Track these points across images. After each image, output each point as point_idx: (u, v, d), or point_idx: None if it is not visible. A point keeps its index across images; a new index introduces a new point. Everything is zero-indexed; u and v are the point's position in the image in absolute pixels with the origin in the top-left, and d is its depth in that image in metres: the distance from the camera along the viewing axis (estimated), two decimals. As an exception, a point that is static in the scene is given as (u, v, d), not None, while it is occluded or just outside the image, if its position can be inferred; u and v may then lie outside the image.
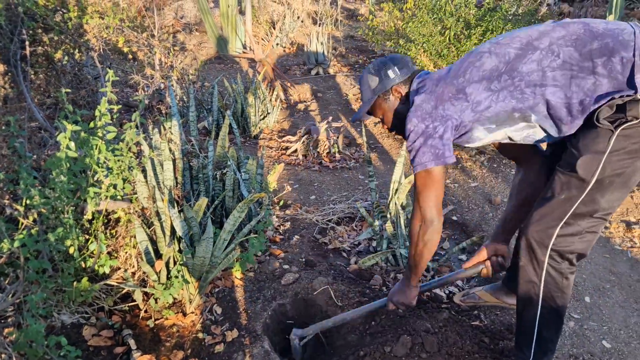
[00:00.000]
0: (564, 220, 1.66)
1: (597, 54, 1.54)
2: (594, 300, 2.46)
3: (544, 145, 1.93)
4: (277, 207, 3.32)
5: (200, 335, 2.24)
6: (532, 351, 1.83)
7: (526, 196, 1.99)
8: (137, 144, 2.46)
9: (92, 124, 2.22)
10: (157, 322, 2.31)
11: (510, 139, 1.80)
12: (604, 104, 1.54)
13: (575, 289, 2.52)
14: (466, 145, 1.89)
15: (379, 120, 2.04)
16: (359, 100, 5.77)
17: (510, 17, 4.81)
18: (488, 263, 2.09)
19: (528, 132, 1.74)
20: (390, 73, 1.91)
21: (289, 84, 6.00)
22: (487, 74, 1.68)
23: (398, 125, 1.96)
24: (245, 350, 2.12)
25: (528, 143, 1.81)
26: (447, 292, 2.55)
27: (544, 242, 1.70)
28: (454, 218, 3.28)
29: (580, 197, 1.62)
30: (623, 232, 3.05)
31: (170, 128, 2.76)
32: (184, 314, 2.35)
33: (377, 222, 2.80)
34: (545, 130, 1.71)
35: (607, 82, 1.53)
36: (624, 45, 1.52)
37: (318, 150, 4.35)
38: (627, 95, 1.51)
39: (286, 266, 2.67)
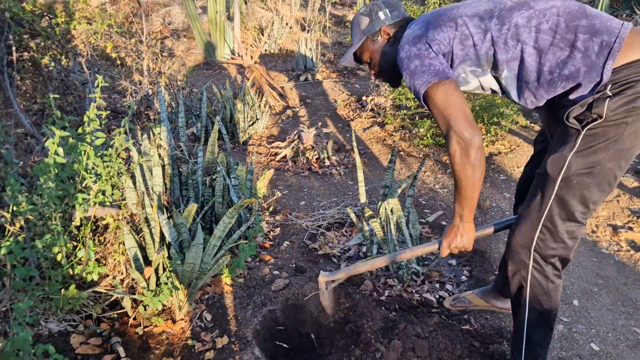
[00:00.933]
0: (542, 223, 1.68)
1: (582, 30, 1.57)
2: (582, 303, 2.48)
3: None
4: (267, 213, 3.31)
5: (190, 342, 2.22)
6: (523, 355, 1.84)
7: None
8: (126, 149, 2.44)
9: (80, 130, 2.20)
10: (146, 329, 2.29)
11: (490, 88, 1.80)
12: (573, 93, 1.57)
13: (564, 292, 2.54)
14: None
15: (367, 64, 2.01)
16: (347, 106, 5.79)
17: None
18: None
19: (495, 83, 1.76)
20: (381, 14, 1.91)
21: (281, 89, 6.01)
22: (481, 13, 1.69)
23: (386, 69, 1.94)
24: (236, 357, 2.11)
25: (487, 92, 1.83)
26: (437, 296, 2.55)
27: (526, 245, 1.72)
28: (443, 223, 3.29)
29: (551, 197, 1.65)
30: (610, 236, 3.09)
31: (159, 134, 2.75)
32: (174, 321, 2.33)
33: (367, 228, 2.80)
34: (504, 89, 1.74)
35: (580, 59, 1.55)
36: (609, 31, 1.55)
37: (307, 156, 4.35)
38: (597, 92, 1.53)
39: (276, 272, 2.66)
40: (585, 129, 1.57)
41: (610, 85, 1.52)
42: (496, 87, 1.79)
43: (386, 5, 1.93)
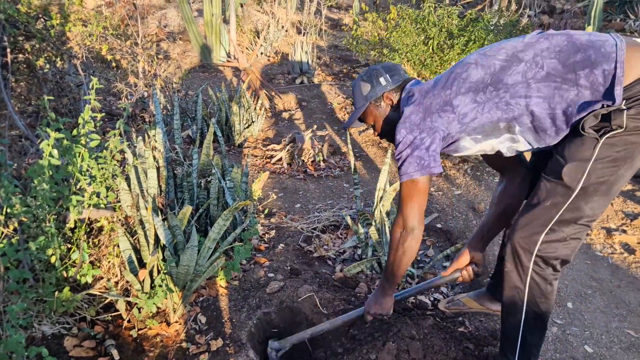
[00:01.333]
0: (549, 226, 1.68)
1: (579, 66, 1.58)
2: (576, 306, 2.49)
3: (527, 155, 1.96)
4: (262, 216, 3.31)
5: (184, 344, 2.21)
6: (517, 356, 1.85)
7: (507, 206, 2.03)
8: (121, 152, 2.44)
9: (75, 132, 2.20)
10: (140, 332, 2.28)
11: (498, 151, 1.83)
12: (588, 113, 1.57)
13: (558, 295, 2.55)
14: (455, 154, 1.92)
15: (370, 126, 2.06)
16: (343, 109, 5.80)
17: (492, 28, 4.90)
18: (467, 270, 2.11)
19: (511, 145, 1.78)
20: (382, 80, 1.94)
21: (273, 93, 6.01)
22: (474, 85, 1.71)
23: (388, 132, 1.98)
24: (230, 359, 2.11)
25: (513, 154, 1.84)
26: (431, 299, 2.56)
27: (529, 248, 1.72)
28: (439, 226, 3.30)
29: (565, 204, 1.65)
30: (604, 238, 3.10)
31: (154, 136, 2.74)
32: (168, 324, 2.33)
33: (362, 230, 2.80)
34: (528, 142, 1.75)
35: (589, 94, 1.57)
36: (605, 58, 1.56)
37: (303, 158, 4.35)
38: (609, 106, 1.54)
39: (271, 274, 2.66)
40: (605, 137, 1.57)
41: (624, 101, 1.53)
42: (501, 149, 1.82)
43: (386, 70, 1.96)
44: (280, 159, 4.40)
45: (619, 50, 1.56)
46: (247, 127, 4.90)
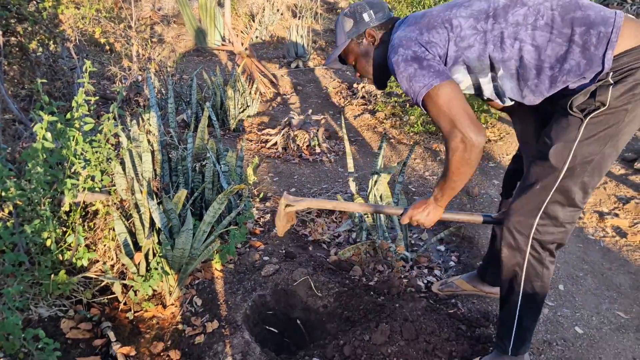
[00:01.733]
0: (542, 210, 1.69)
1: (577, 22, 1.57)
2: (568, 288, 2.52)
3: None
4: (257, 200, 3.32)
5: (180, 326, 2.23)
6: (512, 340, 1.87)
7: None
8: (115, 135, 2.43)
9: (69, 115, 2.19)
10: (136, 314, 2.30)
11: (481, 91, 1.79)
12: (573, 83, 1.57)
13: (550, 277, 2.58)
14: None
15: (352, 65, 1.98)
16: (339, 94, 5.78)
17: None
18: None
19: (490, 87, 1.74)
20: (365, 16, 1.87)
21: (271, 77, 5.99)
22: (476, 13, 1.67)
23: (370, 72, 1.92)
24: (226, 341, 2.13)
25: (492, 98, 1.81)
26: (425, 281, 2.59)
27: (525, 232, 1.73)
28: (433, 209, 3.32)
29: (554, 186, 1.66)
30: (596, 222, 3.13)
31: (148, 120, 2.74)
32: (164, 306, 2.35)
33: (356, 214, 2.82)
34: (503, 91, 1.72)
35: (579, 53, 1.55)
36: (604, 21, 1.55)
37: (298, 143, 4.35)
38: (598, 80, 1.54)
39: (266, 258, 2.68)
40: (588, 117, 1.58)
41: (611, 74, 1.53)
42: (487, 91, 1.77)
43: (370, 6, 1.89)
44: (275, 144, 4.40)
45: (617, 17, 1.55)
46: (242, 112, 4.88)
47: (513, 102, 1.78)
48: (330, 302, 2.40)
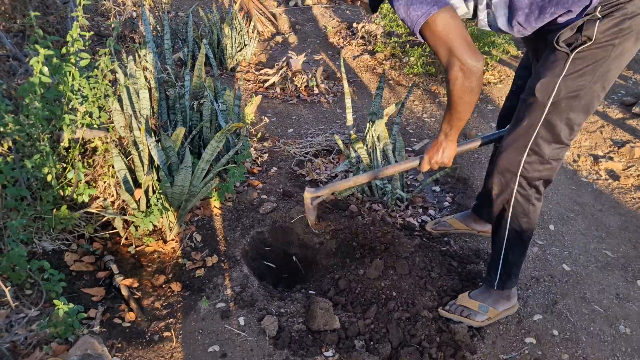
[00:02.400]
0: (529, 147, 1.72)
1: None
2: (558, 228, 2.59)
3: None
4: (255, 140, 3.33)
5: (180, 261, 2.30)
6: (498, 274, 1.95)
7: None
8: (112, 72, 2.41)
9: (64, 50, 2.16)
10: (138, 249, 2.37)
11: (476, 17, 1.76)
12: (561, 17, 1.56)
13: (541, 217, 2.64)
14: None
15: None
16: (338, 34, 5.67)
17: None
18: None
19: (484, 15, 1.71)
20: None
21: (270, 15, 5.84)
22: None
23: None
24: (225, 274, 2.20)
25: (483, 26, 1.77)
26: (419, 220, 2.64)
27: (512, 169, 1.77)
28: (429, 151, 3.34)
29: (540, 121, 1.68)
30: (590, 165, 3.17)
31: (144, 56, 2.70)
32: (165, 241, 2.41)
33: (353, 154, 2.84)
34: (494, 18, 1.69)
35: None
36: None
37: (296, 83, 4.31)
38: (586, 14, 1.53)
39: (264, 196, 2.72)
40: (574, 52, 1.58)
41: (599, 8, 1.51)
42: (479, 13, 1.72)
43: None
44: (273, 84, 4.35)
45: None
46: (240, 51, 4.80)
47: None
48: (327, 239, 2.46)
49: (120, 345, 1.88)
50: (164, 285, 2.20)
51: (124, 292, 2.11)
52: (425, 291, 2.08)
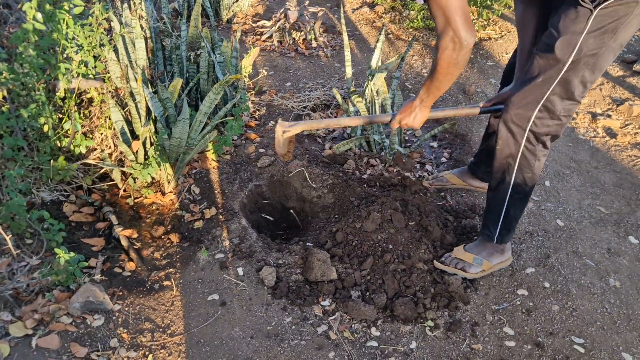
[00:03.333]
0: (542, 102, 1.71)
1: None
2: (553, 184, 2.61)
3: None
4: (253, 93, 3.30)
5: (179, 212, 2.32)
6: (498, 228, 1.97)
7: None
8: (107, 20, 2.36)
9: (56, -4, 2.10)
10: (136, 200, 2.38)
11: None
12: None
13: (537, 174, 2.66)
14: None
15: None
16: (337, -15, 5.52)
17: None
18: None
19: None
20: None
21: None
22: None
23: None
24: (223, 226, 2.23)
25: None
26: (417, 176, 2.66)
27: (522, 124, 1.76)
28: (428, 107, 3.32)
29: (556, 79, 1.66)
30: (588, 122, 3.16)
31: (140, 4, 2.63)
32: (163, 194, 2.42)
33: (352, 109, 2.82)
34: None
35: None
36: None
37: (294, 36, 4.23)
38: None
39: (262, 150, 2.72)
40: (598, 8, 1.54)
41: None
42: None
43: None
44: (270, 36, 4.27)
45: None
46: (236, 2, 4.68)
47: None
48: (324, 193, 2.48)
49: (121, 293, 1.91)
50: (163, 237, 2.22)
51: (124, 242, 2.13)
52: (421, 244, 2.12)
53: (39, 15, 1.88)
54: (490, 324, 1.89)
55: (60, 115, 2.24)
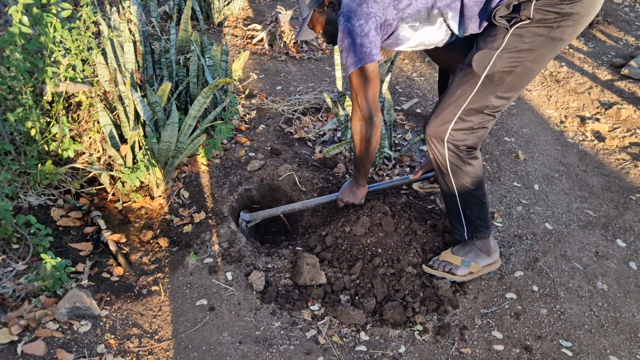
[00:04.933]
0: (458, 115, 1.79)
1: None
2: (542, 187, 2.62)
3: None
4: (243, 96, 3.29)
5: (168, 217, 2.31)
6: (464, 227, 2.00)
7: None
8: (95, 24, 2.34)
9: (44, 0, 2.09)
10: (125, 204, 2.37)
11: (431, 43, 1.89)
12: (499, 2, 1.65)
13: (526, 177, 2.67)
14: (395, 49, 1.94)
15: (321, 35, 2.03)
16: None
17: None
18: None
19: (444, 32, 1.83)
20: None
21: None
22: None
23: (335, 35, 1.94)
24: (213, 230, 2.22)
25: (445, 44, 1.90)
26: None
27: (440, 136, 1.84)
28: (418, 110, 3.34)
29: (472, 92, 1.75)
30: (577, 126, 3.19)
31: (128, 7, 2.62)
32: (152, 198, 2.40)
33: (342, 112, 2.82)
34: (453, 30, 1.81)
35: None
36: None
37: (285, 39, 4.23)
38: None
39: (252, 154, 2.71)
40: (514, 27, 1.65)
41: None
42: (436, 38, 1.85)
43: None
44: (261, 40, 4.27)
45: None
46: (227, 5, 4.68)
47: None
48: (314, 197, 2.47)
49: (108, 298, 1.90)
50: (151, 241, 2.21)
51: (112, 247, 2.12)
52: (410, 248, 2.12)
53: (25, 19, 1.87)
54: (479, 327, 1.90)
55: (48, 119, 2.23)
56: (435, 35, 1.84)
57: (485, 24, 1.74)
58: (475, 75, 1.72)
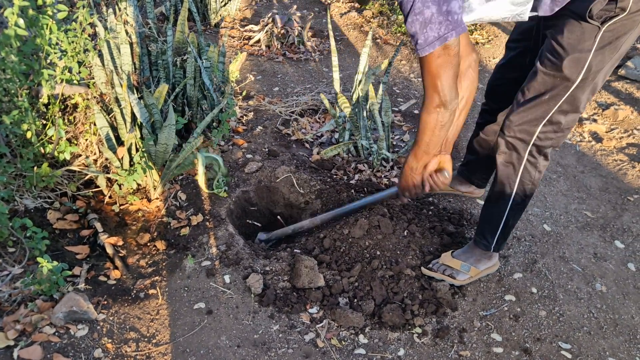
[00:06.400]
0: (547, 118, 1.71)
1: None
2: (540, 189, 2.62)
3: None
4: (240, 98, 3.28)
5: (165, 219, 2.30)
6: (496, 238, 1.97)
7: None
8: (92, 25, 2.33)
9: (40, 2, 2.07)
10: (122, 207, 2.35)
11: (492, 19, 1.65)
12: None
13: (524, 179, 2.67)
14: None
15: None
16: (325, -11, 5.53)
17: None
18: (436, 176, 1.85)
19: (512, 8, 1.59)
20: None
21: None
22: None
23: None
24: (210, 233, 2.21)
25: (509, 20, 1.66)
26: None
27: (526, 139, 1.76)
28: (416, 112, 3.33)
29: (564, 96, 1.65)
30: (574, 127, 3.19)
31: (125, 9, 2.61)
32: (149, 200, 2.39)
33: (339, 114, 2.82)
34: (520, 11, 1.59)
35: None
36: None
37: (282, 41, 4.22)
38: None
39: (249, 155, 2.70)
40: (606, 25, 1.51)
41: None
42: (499, 14, 1.60)
43: None
44: (258, 41, 4.26)
45: None
46: (224, 6, 4.67)
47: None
48: (312, 199, 2.47)
49: (105, 302, 1.89)
50: (148, 244, 2.20)
51: (109, 250, 2.11)
52: (409, 250, 2.11)
53: (21, 21, 1.85)
54: (478, 330, 1.89)
55: (44, 122, 2.21)
56: (502, 9, 1.58)
57: (557, 9, 1.54)
58: (569, 81, 1.61)
